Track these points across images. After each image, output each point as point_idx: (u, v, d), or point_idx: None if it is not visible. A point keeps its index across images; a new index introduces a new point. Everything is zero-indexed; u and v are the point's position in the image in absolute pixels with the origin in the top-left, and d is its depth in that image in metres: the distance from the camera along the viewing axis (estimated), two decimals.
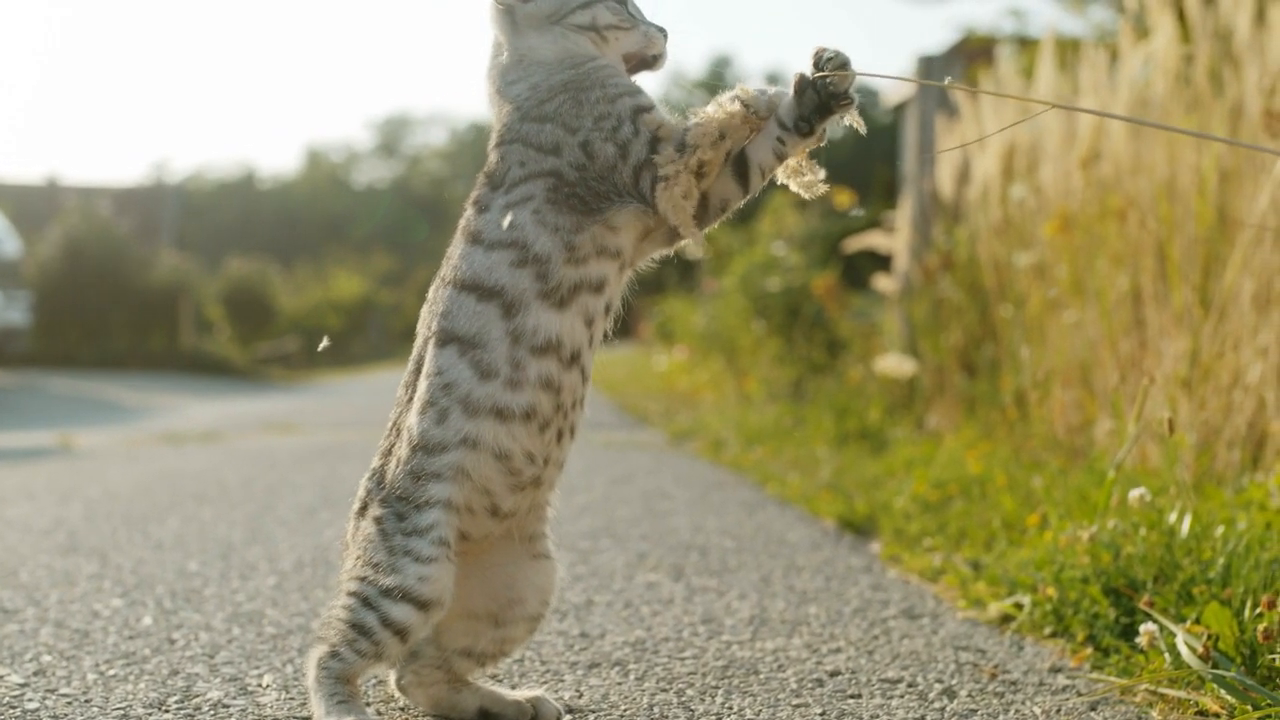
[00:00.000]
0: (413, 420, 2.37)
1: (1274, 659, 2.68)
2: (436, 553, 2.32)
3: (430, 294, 2.45)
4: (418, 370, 2.41)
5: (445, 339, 2.36)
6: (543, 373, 2.33)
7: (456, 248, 2.42)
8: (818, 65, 2.30)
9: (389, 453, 2.42)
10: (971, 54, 10.61)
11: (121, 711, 2.61)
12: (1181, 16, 5.42)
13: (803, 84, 2.32)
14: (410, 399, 2.41)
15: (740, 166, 2.41)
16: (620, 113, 2.33)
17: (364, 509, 2.41)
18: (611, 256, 2.38)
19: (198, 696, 2.72)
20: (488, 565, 2.50)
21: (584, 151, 2.32)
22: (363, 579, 2.34)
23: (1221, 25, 5.05)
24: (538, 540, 2.55)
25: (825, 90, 2.30)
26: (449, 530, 2.34)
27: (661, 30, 2.50)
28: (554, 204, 2.33)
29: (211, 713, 2.61)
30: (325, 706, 2.32)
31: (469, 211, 2.44)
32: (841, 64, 2.29)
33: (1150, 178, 5.19)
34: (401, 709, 2.65)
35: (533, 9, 2.44)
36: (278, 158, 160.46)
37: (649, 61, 2.51)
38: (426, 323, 2.43)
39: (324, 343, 3.11)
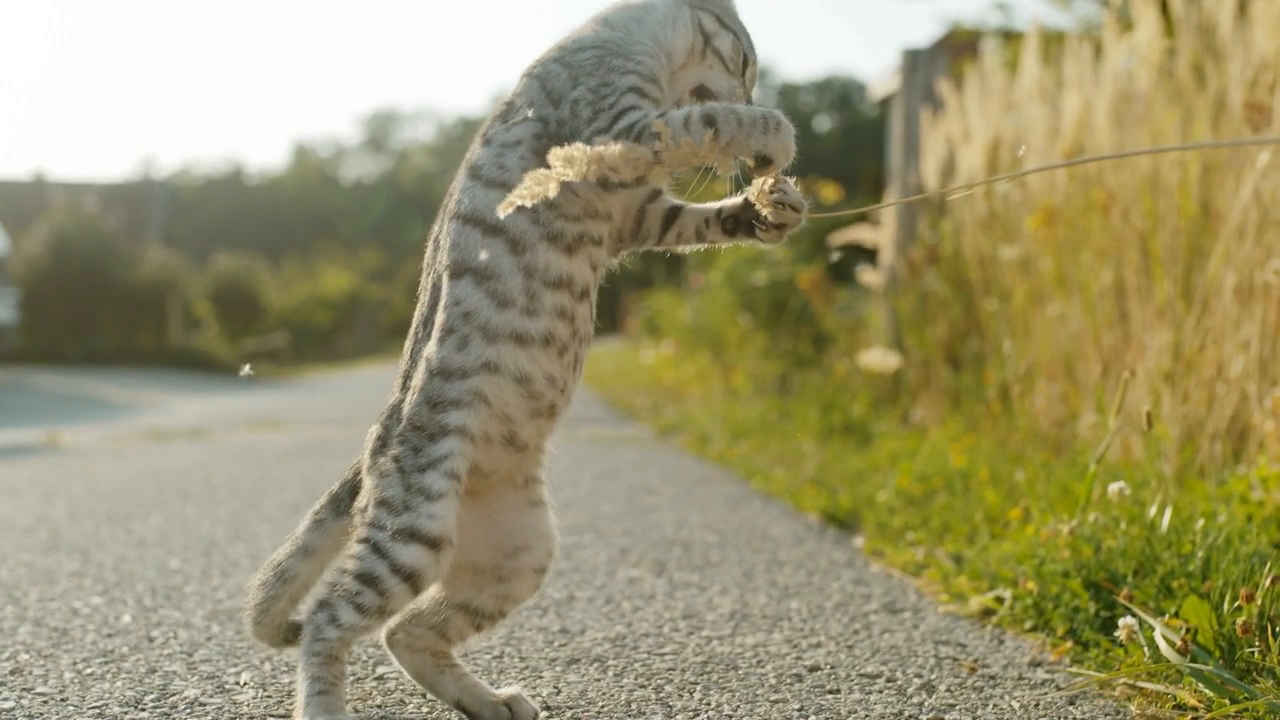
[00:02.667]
0: (432, 349, 2.37)
1: (1252, 652, 2.68)
2: (446, 486, 2.30)
3: (435, 229, 2.47)
4: (433, 305, 2.41)
5: (459, 270, 2.36)
6: (557, 303, 2.35)
7: (459, 180, 2.44)
8: (773, 191, 2.34)
9: (405, 385, 2.42)
10: (957, 48, 10.62)
11: (98, 710, 2.60)
12: (1165, 10, 5.42)
13: (749, 205, 2.39)
14: (429, 333, 2.40)
15: (671, 215, 2.49)
16: (619, 85, 2.33)
17: (384, 446, 2.38)
18: (604, 219, 2.41)
19: (175, 695, 2.71)
20: (491, 513, 2.49)
21: (571, 109, 2.33)
22: (376, 525, 2.32)
23: (1205, 19, 5.05)
24: (535, 485, 2.55)
25: (762, 219, 2.38)
26: (461, 462, 2.33)
27: (747, 104, 2.48)
28: (537, 154, 2.33)
29: (188, 711, 2.60)
30: (305, 694, 2.29)
31: (476, 143, 2.46)
32: (791, 204, 2.34)
33: (1133, 171, 5.18)
34: (379, 706, 2.65)
35: None
36: (265, 153, 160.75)
37: None
38: (437, 258, 2.43)
39: (247, 369, 3.11)
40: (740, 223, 2.43)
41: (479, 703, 2.52)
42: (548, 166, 2.26)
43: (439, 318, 2.38)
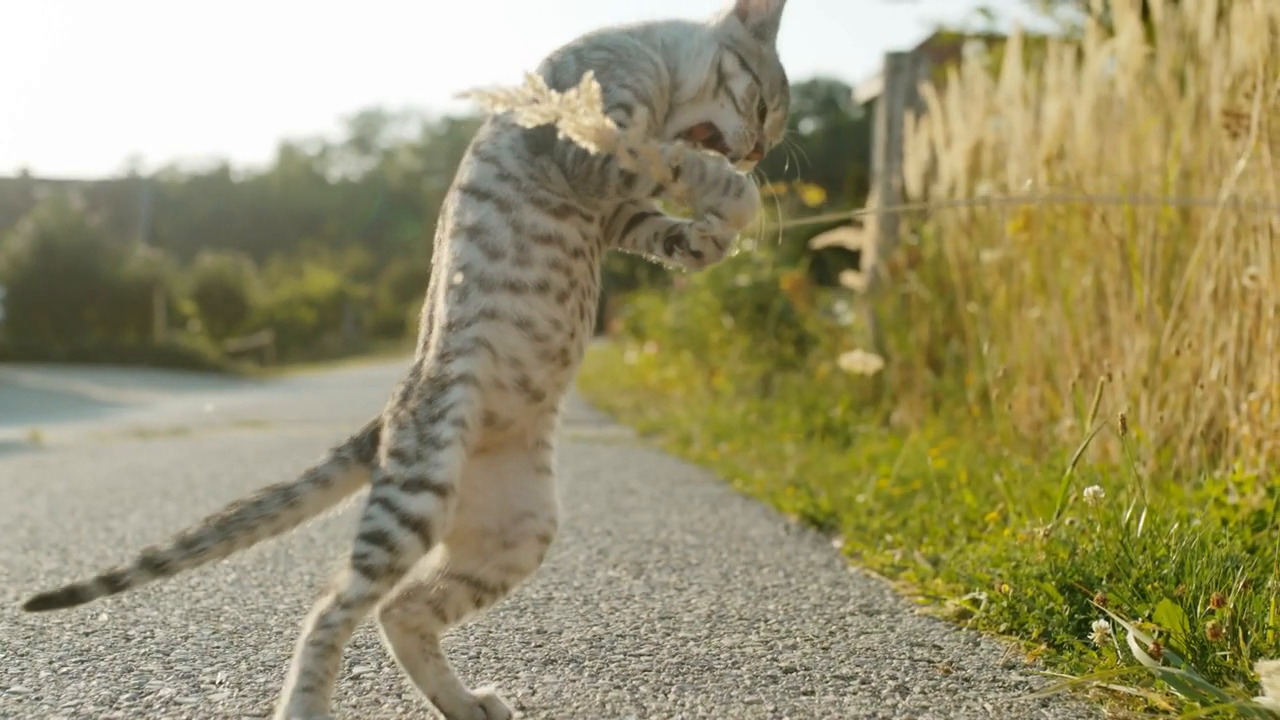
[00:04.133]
0: (440, 307, 2.42)
1: (1224, 656, 2.70)
2: (453, 434, 2.32)
3: (444, 204, 2.52)
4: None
5: (457, 232, 2.43)
6: (549, 256, 2.39)
7: (466, 156, 2.50)
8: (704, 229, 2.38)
9: (425, 346, 2.46)
10: (941, 51, 10.64)
11: (72, 709, 2.60)
12: (1146, 16, 5.45)
13: (685, 234, 2.43)
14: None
15: (635, 219, 2.52)
16: (613, 97, 2.38)
17: (405, 400, 2.41)
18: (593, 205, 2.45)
19: (150, 694, 2.72)
20: (500, 475, 2.51)
21: None
22: (386, 479, 2.33)
23: (1185, 25, 5.08)
24: (544, 450, 2.57)
25: (685, 242, 2.43)
26: (468, 409, 2.35)
27: (759, 149, 2.51)
28: (526, 137, 2.40)
29: (163, 710, 2.60)
30: (290, 689, 2.27)
31: (486, 122, 2.52)
32: (715, 238, 2.40)
33: (1114, 177, 5.20)
34: (354, 706, 2.65)
35: (729, 24, 2.50)
36: (252, 151, 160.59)
37: (717, 145, 2.52)
38: (445, 228, 2.49)
39: (210, 407, 3.13)
40: (675, 243, 2.47)
41: (454, 701, 2.52)
42: (535, 150, 2.37)
43: (441, 276, 2.44)
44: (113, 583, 2.38)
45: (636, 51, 2.45)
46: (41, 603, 2.38)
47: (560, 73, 2.42)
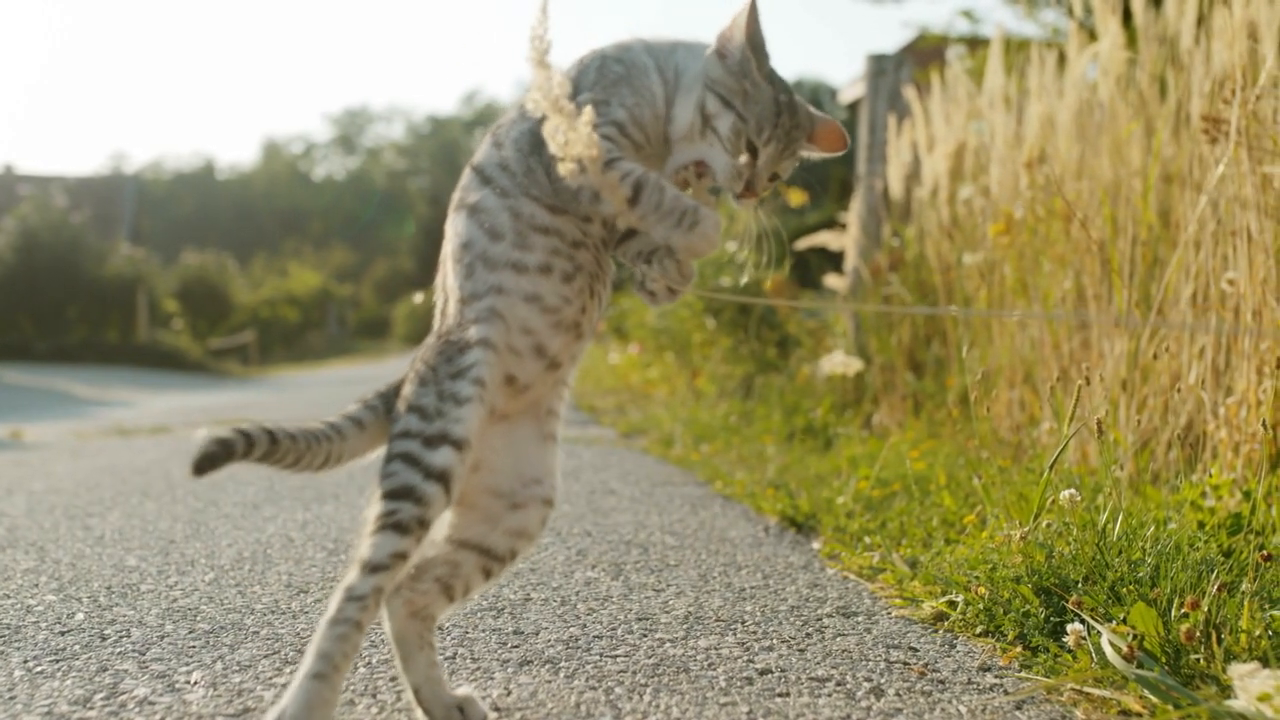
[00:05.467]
0: (451, 280, 2.49)
1: (1197, 659, 2.71)
2: (472, 392, 2.37)
3: (462, 176, 2.59)
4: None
5: (460, 207, 2.51)
6: (548, 244, 2.46)
7: (485, 137, 2.58)
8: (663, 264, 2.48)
9: (443, 313, 2.52)
10: (924, 54, 10.65)
11: (46, 709, 2.59)
12: (1128, 20, 5.46)
13: (646, 262, 2.51)
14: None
15: (630, 232, 2.56)
16: (611, 114, 2.43)
17: (427, 358, 2.46)
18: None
19: (124, 694, 2.71)
20: (514, 439, 2.56)
21: None
22: (407, 434, 2.37)
23: (1166, 29, 5.09)
24: (552, 419, 2.62)
25: (644, 285, 2.54)
26: (486, 370, 2.40)
27: (749, 187, 2.51)
28: (531, 132, 2.46)
29: (137, 709, 2.60)
30: (300, 674, 2.22)
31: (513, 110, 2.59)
32: (669, 282, 2.49)
33: (1094, 180, 5.22)
34: (344, 706, 2.64)
35: (710, 64, 2.50)
36: (236, 149, 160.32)
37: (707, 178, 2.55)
38: (454, 200, 2.56)
39: (203, 432, 3.12)
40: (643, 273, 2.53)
41: (435, 698, 2.51)
42: (532, 149, 2.44)
43: (448, 248, 2.51)
44: (247, 437, 2.37)
45: (646, 73, 2.50)
46: (208, 461, 2.33)
47: (581, 76, 2.48)
